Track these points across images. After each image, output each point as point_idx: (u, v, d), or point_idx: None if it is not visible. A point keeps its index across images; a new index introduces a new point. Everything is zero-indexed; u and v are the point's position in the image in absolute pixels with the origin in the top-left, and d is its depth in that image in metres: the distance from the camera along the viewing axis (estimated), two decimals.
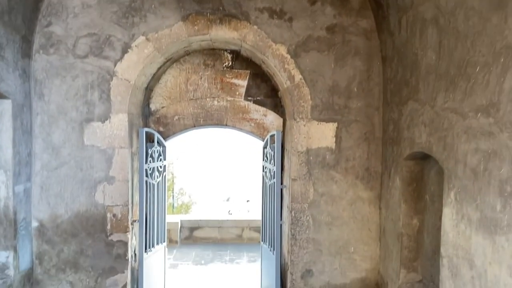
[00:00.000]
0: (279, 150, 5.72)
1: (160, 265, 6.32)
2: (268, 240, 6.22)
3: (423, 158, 4.63)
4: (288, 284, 5.61)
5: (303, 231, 5.55)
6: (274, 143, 5.96)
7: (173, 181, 22.29)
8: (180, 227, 8.87)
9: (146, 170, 5.72)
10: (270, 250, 6.07)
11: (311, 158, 5.50)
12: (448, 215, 3.67)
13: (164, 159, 6.32)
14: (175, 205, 22.67)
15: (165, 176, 6.37)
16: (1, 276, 4.84)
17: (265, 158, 6.37)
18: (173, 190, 22.59)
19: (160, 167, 6.21)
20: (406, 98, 4.66)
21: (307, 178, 5.52)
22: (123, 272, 5.47)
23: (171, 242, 8.68)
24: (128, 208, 5.46)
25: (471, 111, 3.34)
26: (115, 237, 5.45)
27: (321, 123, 5.45)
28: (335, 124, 5.47)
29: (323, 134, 5.47)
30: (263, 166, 6.48)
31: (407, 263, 4.80)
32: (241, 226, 9.00)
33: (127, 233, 5.47)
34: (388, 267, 5.16)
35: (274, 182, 5.90)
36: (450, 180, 3.64)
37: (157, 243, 6.19)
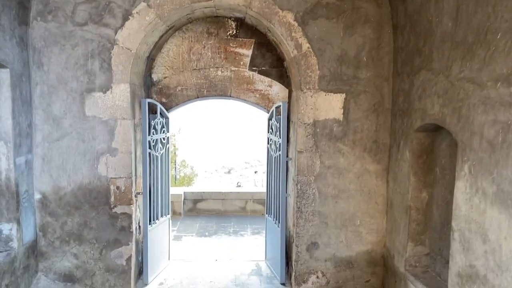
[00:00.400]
0: (285, 121, 5.58)
1: (165, 237, 6.30)
2: (273, 213, 6.16)
3: (435, 130, 4.50)
4: (294, 256, 5.59)
5: (309, 204, 5.48)
6: (279, 114, 5.82)
7: (175, 153, 22.22)
8: (184, 199, 8.84)
9: (149, 142, 5.60)
10: (275, 223, 6.02)
11: (318, 130, 5.37)
12: (461, 188, 3.57)
13: (167, 131, 6.20)
14: (177, 177, 22.68)
15: (168, 148, 6.26)
16: (5, 248, 4.80)
17: (270, 130, 6.24)
18: (175, 162, 22.56)
19: (163, 139, 6.09)
20: (418, 68, 4.48)
21: (313, 150, 5.40)
22: (128, 244, 5.44)
23: (174, 214, 8.66)
24: (132, 181, 5.38)
25: (490, 80, 3.18)
26: (119, 210, 5.40)
27: (329, 94, 5.30)
28: (343, 95, 5.31)
29: (330, 105, 5.32)
30: (268, 139, 6.36)
31: (415, 236, 4.74)
32: (245, 198, 8.97)
33: (131, 205, 5.40)
34: (395, 240, 5.11)
35: (279, 155, 5.79)
36: (465, 152, 3.52)
37: (161, 215, 6.14)
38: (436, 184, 4.58)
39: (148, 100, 5.53)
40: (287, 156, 5.73)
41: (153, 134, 5.73)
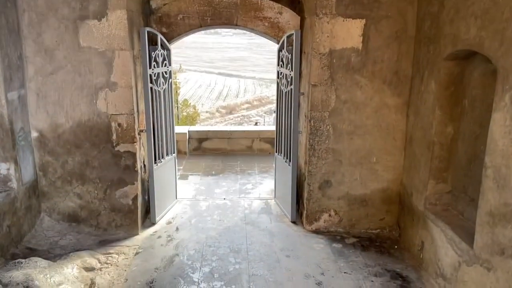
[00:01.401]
0: (297, 51, 5.11)
1: (171, 176, 6.07)
2: (283, 151, 5.87)
3: (466, 58, 4.07)
4: (305, 195, 5.37)
5: (323, 141, 5.17)
6: (291, 45, 5.36)
7: (176, 91, 21.68)
8: (188, 138, 8.55)
9: (150, 75, 5.18)
10: (286, 161, 5.75)
11: (334, 60, 4.93)
12: (499, 120, 3.21)
13: (169, 64, 5.75)
14: (180, 116, 22.31)
15: (171, 83, 5.85)
16: (4, 188, 4.57)
17: (281, 63, 5.79)
18: (177, 101, 22.09)
19: (166, 72, 5.66)
20: None
21: (328, 83, 5.00)
22: (133, 184, 5.21)
23: (179, 153, 8.40)
24: (134, 117, 5.03)
25: None
26: (122, 148, 5.10)
27: (347, 19, 4.79)
28: (363, 21, 4.81)
29: (348, 33, 4.84)
30: (278, 72, 5.93)
31: (437, 174, 4.46)
32: (251, 137, 8.66)
33: (135, 143, 5.10)
34: (414, 177, 4.85)
35: (291, 89, 5.39)
36: (506, 81, 3.12)
37: (167, 154, 5.87)
38: (464, 118, 4.22)
39: (148, 29, 5.05)
40: (299, 91, 5.33)
41: (155, 67, 5.30)
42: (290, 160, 5.58)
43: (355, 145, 5.18)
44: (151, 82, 5.23)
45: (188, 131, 8.59)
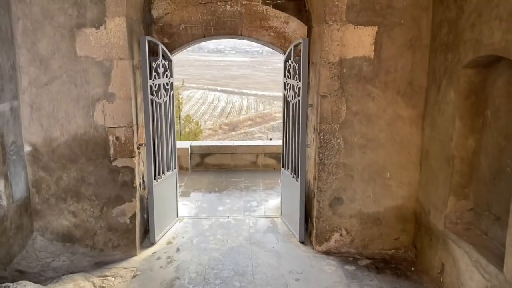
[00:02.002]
0: (305, 61, 4.85)
1: (172, 192, 5.76)
2: (290, 166, 5.57)
3: (488, 65, 3.80)
4: (314, 213, 5.04)
5: (333, 155, 4.86)
6: (298, 55, 5.11)
7: (179, 107, 21.46)
8: (191, 153, 8.26)
9: (151, 87, 4.93)
10: (293, 177, 5.44)
11: (344, 70, 4.66)
12: None
13: (171, 76, 5.50)
14: (182, 132, 22.07)
15: (172, 95, 5.59)
16: None
17: (287, 73, 5.53)
18: (179, 116, 21.84)
19: (167, 84, 5.41)
20: None
21: (339, 94, 4.72)
22: (131, 201, 4.90)
23: (181, 169, 8.11)
24: (133, 130, 4.75)
25: None
26: (119, 163, 4.81)
27: (358, 27, 4.54)
28: (375, 28, 4.56)
29: (360, 41, 4.58)
30: (284, 84, 5.66)
31: (458, 190, 4.13)
32: (256, 152, 8.37)
33: (133, 158, 4.81)
34: (432, 194, 4.52)
35: (298, 101, 5.12)
36: None
37: (167, 170, 5.57)
38: (486, 129, 3.92)
39: (148, 37, 4.81)
40: (307, 102, 5.05)
41: (155, 78, 5.05)
42: (298, 176, 5.27)
43: (367, 160, 4.87)
44: (151, 94, 4.97)
45: (190, 146, 8.30)
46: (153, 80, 4.99)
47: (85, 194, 4.86)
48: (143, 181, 5.22)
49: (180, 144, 8.39)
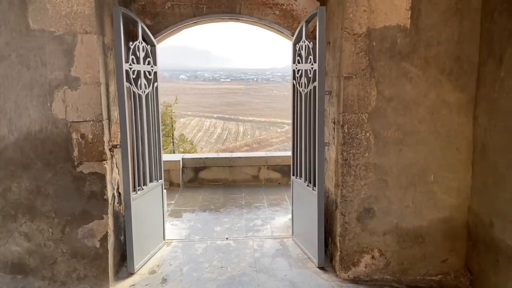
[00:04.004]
0: (322, 34, 3.82)
1: (157, 209, 4.63)
2: (303, 172, 4.48)
3: None
4: (338, 230, 3.93)
5: (360, 153, 3.80)
6: (313, 32, 4.12)
7: (172, 125, 20.39)
8: (182, 167, 7.16)
9: (127, 72, 3.89)
10: (308, 186, 4.35)
11: (373, 43, 3.65)
12: None
13: (154, 64, 4.48)
14: (176, 152, 20.95)
15: (156, 87, 4.54)
16: None
17: (297, 58, 4.52)
18: (173, 136, 20.74)
19: (149, 73, 4.38)
20: None
21: (367, 75, 3.70)
22: (102, 218, 3.78)
23: (172, 185, 7.01)
24: (103, 126, 3.68)
25: None
26: (85, 168, 3.72)
27: None
28: None
29: (392, 5, 3.60)
30: (294, 72, 4.64)
31: None
32: (257, 164, 7.27)
33: (103, 162, 3.72)
34: (496, 200, 3.43)
35: (313, 88, 4.08)
36: None
37: (151, 180, 4.47)
38: None
39: (123, 9, 3.79)
40: (324, 89, 4.01)
41: (133, 62, 4.02)
42: (314, 184, 4.18)
43: (405, 159, 3.80)
44: (128, 82, 3.93)
45: (182, 159, 7.20)
46: (131, 65, 3.96)
47: (41, 209, 3.74)
48: (119, 193, 4.11)
49: (170, 157, 7.32)
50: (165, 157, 7.27)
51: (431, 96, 3.73)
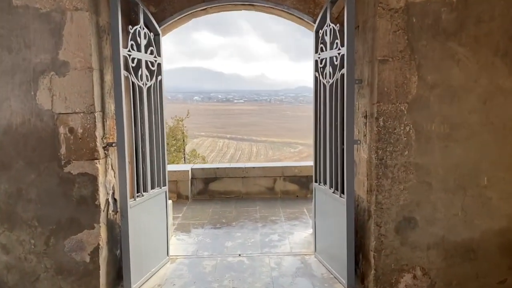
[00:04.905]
0: (352, 10, 3.25)
1: (160, 219, 4.05)
2: (328, 177, 3.86)
3: None
4: (372, 243, 3.29)
5: (399, 151, 3.19)
6: (338, 18, 3.58)
7: (183, 140, 19.88)
8: (191, 178, 6.58)
9: (125, 59, 3.38)
10: (334, 192, 3.73)
11: (413, 20, 3.09)
12: None
13: (158, 54, 3.97)
14: None
15: (160, 81, 4.02)
16: None
17: (321, 45, 3.96)
18: (184, 151, 20.20)
19: (152, 64, 3.86)
20: None
21: (406, 57, 3.12)
22: (93, 227, 3.22)
23: (179, 198, 6.44)
24: (95, 118, 3.15)
25: None
26: (74, 168, 3.18)
27: None
28: None
29: None
30: (316, 62, 4.07)
31: None
32: (273, 175, 6.66)
33: (95, 161, 3.18)
34: None
35: (342, 75, 3.50)
36: None
37: (153, 186, 3.90)
38: None
39: None
40: (354, 77, 3.42)
41: (133, 49, 3.52)
42: (342, 190, 3.56)
43: (452, 158, 3.18)
44: (127, 70, 3.42)
45: (191, 169, 6.63)
46: (130, 51, 3.45)
47: (22, 217, 3.20)
48: (115, 200, 3.55)
49: (178, 166, 6.79)
50: (173, 167, 6.75)
51: (482, 82, 3.13)
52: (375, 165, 3.23)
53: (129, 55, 3.45)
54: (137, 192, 3.66)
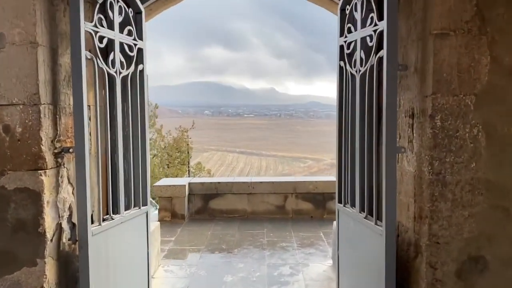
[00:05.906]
0: None
1: (138, 250, 3.14)
2: (358, 197, 2.93)
3: None
4: None
5: (463, 163, 2.27)
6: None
7: (188, 152, 18.97)
8: (189, 194, 5.69)
9: (90, 36, 2.52)
10: (367, 218, 2.79)
11: None
12: None
13: (140, 38, 3.11)
14: None
15: (141, 72, 3.15)
16: None
17: (347, 26, 3.07)
18: (188, 164, 19.28)
19: (130, 48, 3.00)
20: None
21: (474, 30, 2.22)
22: (35, 264, 2.33)
23: (174, 217, 5.55)
24: (40, 113, 2.28)
25: None
26: (10, 182, 2.30)
27: None
28: None
29: None
30: (341, 48, 3.17)
31: None
32: (283, 191, 5.75)
33: (41, 171, 2.30)
34: None
35: (380, 59, 2.58)
36: None
37: (128, 207, 3.01)
38: None
39: None
40: (397, 62, 2.51)
41: (101, 25, 2.66)
42: (378, 216, 2.63)
43: None
44: (91, 52, 2.55)
45: (189, 184, 5.74)
46: (97, 27, 2.60)
47: None
48: (73, 225, 2.65)
49: (174, 180, 5.90)
50: (168, 181, 5.87)
51: None
52: (428, 182, 2.31)
53: (95, 32, 2.59)
54: (105, 214, 2.77)
